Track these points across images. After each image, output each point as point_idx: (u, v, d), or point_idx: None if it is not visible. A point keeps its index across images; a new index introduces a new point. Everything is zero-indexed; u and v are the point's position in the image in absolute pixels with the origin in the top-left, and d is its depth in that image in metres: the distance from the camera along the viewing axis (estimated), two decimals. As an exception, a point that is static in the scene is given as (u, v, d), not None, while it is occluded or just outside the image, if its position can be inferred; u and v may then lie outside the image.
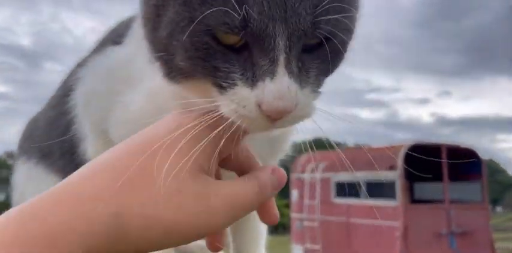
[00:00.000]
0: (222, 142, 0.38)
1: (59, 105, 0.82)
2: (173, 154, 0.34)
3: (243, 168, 0.44)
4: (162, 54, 0.43)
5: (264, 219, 0.46)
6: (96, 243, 0.31)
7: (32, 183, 0.87)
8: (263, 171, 0.42)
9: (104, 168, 0.34)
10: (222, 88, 0.42)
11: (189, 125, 0.37)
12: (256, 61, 0.40)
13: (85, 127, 0.75)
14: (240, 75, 0.41)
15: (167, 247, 0.35)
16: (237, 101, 0.41)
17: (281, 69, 0.40)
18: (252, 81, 0.41)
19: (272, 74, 0.40)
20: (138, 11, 0.50)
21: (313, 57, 0.44)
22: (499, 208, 43.76)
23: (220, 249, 0.46)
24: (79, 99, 0.75)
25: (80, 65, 0.82)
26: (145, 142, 0.36)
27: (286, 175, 0.45)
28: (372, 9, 0.65)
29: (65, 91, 0.79)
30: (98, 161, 0.36)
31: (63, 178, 0.38)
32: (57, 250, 0.29)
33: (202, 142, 0.36)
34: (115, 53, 0.71)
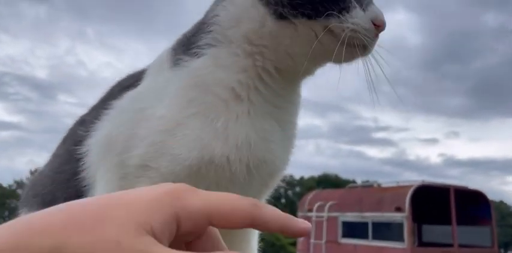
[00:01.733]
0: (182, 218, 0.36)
1: (66, 153, 0.81)
2: (129, 209, 0.35)
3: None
4: None
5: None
6: None
7: None
8: None
9: (63, 208, 0.36)
10: (341, 13, 0.63)
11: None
12: None
13: (98, 171, 0.73)
14: (356, 3, 0.65)
15: None
16: (356, 20, 0.64)
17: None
18: (364, 6, 0.66)
19: (371, 3, 0.67)
20: None
21: None
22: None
23: None
24: (96, 143, 0.73)
25: (85, 116, 0.84)
26: (114, 196, 0.37)
27: None
28: (380, 50, 0.70)
29: (73, 140, 0.80)
30: (64, 204, 0.37)
31: None
32: None
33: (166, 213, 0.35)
34: (135, 93, 0.73)
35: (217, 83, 0.65)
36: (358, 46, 0.65)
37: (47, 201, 0.78)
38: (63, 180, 0.77)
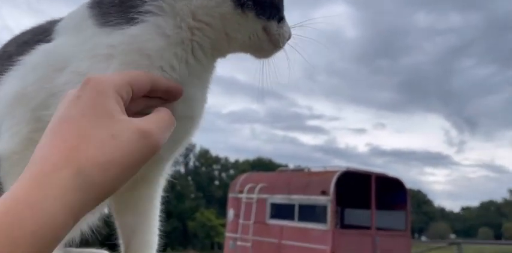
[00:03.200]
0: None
1: None
2: (91, 114, 0.46)
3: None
4: None
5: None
6: (71, 198, 0.39)
7: None
8: (161, 108, 0.56)
9: (48, 147, 0.44)
10: (279, 21, 0.76)
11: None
12: None
13: (3, 125, 0.71)
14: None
15: (126, 179, 0.45)
16: (285, 29, 0.77)
17: None
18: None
19: None
20: None
21: None
22: (424, 238, 45.53)
23: None
24: (2, 98, 0.72)
25: None
26: (62, 118, 0.47)
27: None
28: (316, 42, 0.81)
29: None
30: (39, 146, 0.45)
31: None
32: (42, 213, 0.37)
33: (109, 95, 0.49)
34: (50, 48, 0.72)
35: (157, 50, 0.68)
36: (275, 47, 0.79)
37: None
38: None
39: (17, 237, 0.35)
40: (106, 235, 0.91)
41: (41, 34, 0.78)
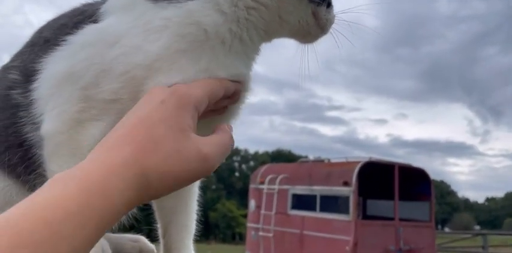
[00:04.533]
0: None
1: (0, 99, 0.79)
2: (168, 124, 0.51)
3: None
4: None
5: None
6: (131, 194, 0.44)
7: None
8: (224, 128, 0.61)
9: (122, 142, 0.48)
10: (328, 7, 0.79)
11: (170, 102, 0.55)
12: None
13: (50, 104, 0.71)
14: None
15: (174, 191, 0.50)
16: (332, 15, 0.81)
17: None
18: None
19: None
20: None
21: None
22: (447, 229, 45.09)
23: None
24: (50, 77, 0.72)
25: (12, 62, 0.81)
26: (142, 119, 0.52)
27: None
28: (336, 32, 0.82)
29: (4, 86, 0.78)
30: (113, 136, 0.50)
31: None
32: (109, 201, 0.42)
33: (189, 109, 0.54)
34: (101, 27, 0.71)
35: (214, 26, 0.68)
36: (322, 32, 0.82)
37: None
38: (1, 127, 0.76)
39: (87, 217, 0.40)
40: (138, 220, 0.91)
41: (78, 16, 0.77)
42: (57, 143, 0.70)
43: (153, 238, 0.93)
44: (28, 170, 0.74)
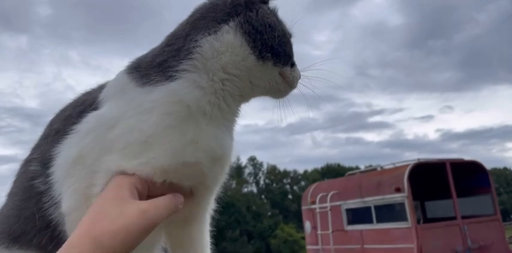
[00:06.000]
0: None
1: (23, 190, 0.89)
2: (110, 197, 0.68)
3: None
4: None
5: None
6: None
7: None
8: (169, 195, 0.74)
9: (83, 219, 0.65)
10: (291, 66, 0.90)
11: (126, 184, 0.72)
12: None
13: (64, 185, 0.81)
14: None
15: (131, 246, 0.61)
16: (296, 72, 0.91)
17: None
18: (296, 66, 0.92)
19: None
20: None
21: None
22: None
23: None
24: (63, 162, 0.82)
25: (31, 155, 0.92)
26: (97, 201, 0.70)
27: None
28: (362, 36, 0.91)
29: (27, 177, 0.88)
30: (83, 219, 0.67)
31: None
32: None
33: (126, 187, 0.71)
34: (100, 114, 0.82)
35: (195, 100, 0.79)
36: (291, 88, 0.93)
37: (17, 235, 0.86)
38: (30, 214, 0.85)
39: None
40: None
41: (80, 106, 0.89)
42: (73, 219, 0.78)
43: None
44: (58, 247, 0.82)
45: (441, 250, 7.00)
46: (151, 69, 0.82)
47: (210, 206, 0.95)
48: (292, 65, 0.91)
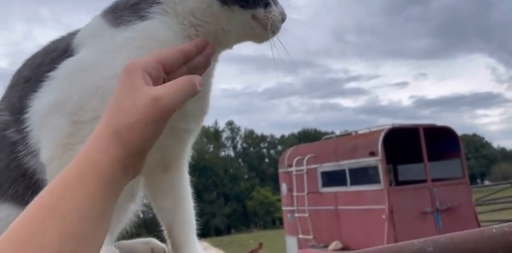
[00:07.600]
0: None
1: None
2: (122, 89, 0.59)
3: None
4: None
5: None
6: (113, 149, 0.53)
7: None
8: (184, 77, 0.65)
9: (101, 122, 0.58)
10: (265, 7, 0.83)
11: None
12: None
13: (42, 133, 0.80)
14: (272, 1, 0.85)
15: (151, 141, 0.56)
16: (273, 12, 0.83)
17: None
18: (276, 3, 0.86)
19: (278, 2, 0.87)
20: None
21: None
22: (487, 182, 44.30)
23: None
24: (40, 110, 0.80)
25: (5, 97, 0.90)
26: (111, 98, 0.60)
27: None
28: (340, 2, 0.88)
29: (1, 127, 0.86)
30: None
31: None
32: (99, 158, 0.53)
33: (136, 73, 0.60)
34: (77, 58, 0.81)
35: (168, 38, 0.79)
36: (270, 30, 0.85)
37: None
38: (4, 166, 0.85)
39: (84, 174, 0.51)
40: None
41: (52, 53, 0.87)
42: (54, 169, 0.77)
43: (162, 239, 1.00)
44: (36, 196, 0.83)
45: (411, 211, 7.30)
46: (124, 10, 0.83)
47: (188, 153, 0.96)
48: (266, 5, 0.84)
